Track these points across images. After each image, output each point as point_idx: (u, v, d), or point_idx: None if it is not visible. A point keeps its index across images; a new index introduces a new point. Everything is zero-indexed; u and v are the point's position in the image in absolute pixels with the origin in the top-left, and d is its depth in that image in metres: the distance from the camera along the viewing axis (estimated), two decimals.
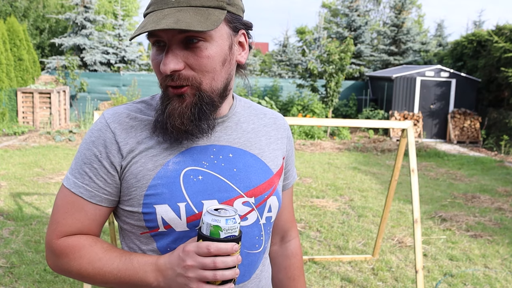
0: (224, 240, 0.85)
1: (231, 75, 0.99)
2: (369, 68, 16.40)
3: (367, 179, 7.27)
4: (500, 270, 4.01)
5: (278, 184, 1.09)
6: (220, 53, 0.93)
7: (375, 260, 4.08)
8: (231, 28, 0.95)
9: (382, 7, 29.38)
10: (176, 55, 0.90)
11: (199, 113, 0.94)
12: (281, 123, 1.16)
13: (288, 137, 1.16)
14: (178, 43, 0.90)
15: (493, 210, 5.76)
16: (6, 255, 3.88)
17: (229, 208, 0.89)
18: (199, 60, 0.91)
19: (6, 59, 10.77)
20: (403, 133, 3.39)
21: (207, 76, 0.92)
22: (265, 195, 1.03)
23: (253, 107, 1.13)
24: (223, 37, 0.93)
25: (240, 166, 1.01)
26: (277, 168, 1.09)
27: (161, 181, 0.94)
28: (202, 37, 0.90)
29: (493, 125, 11.55)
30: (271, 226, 1.09)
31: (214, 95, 0.95)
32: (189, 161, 0.97)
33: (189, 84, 0.92)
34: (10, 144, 8.90)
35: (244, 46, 1.00)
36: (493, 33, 11.62)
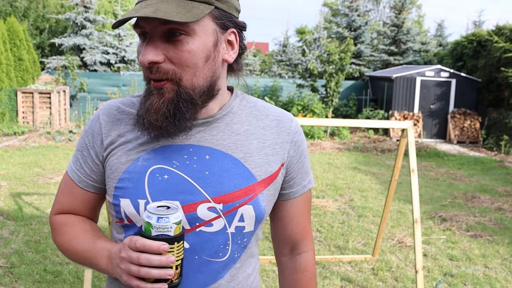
0: (154, 238, 0.84)
1: (216, 74, 0.95)
2: (369, 68, 16.40)
3: (367, 179, 7.27)
4: (500, 270, 4.01)
5: (262, 193, 0.99)
6: (202, 48, 0.90)
7: (375, 260, 4.08)
8: (219, 24, 0.92)
9: (382, 7, 29.39)
10: (156, 46, 0.89)
11: (174, 110, 0.91)
12: (286, 126, 1.05)
13: (293, 142, 1.05)
14: (160, 35, 0.89)
15: (493, 210, 5.76)
16: (6, 255, 3.88)
17: (173, 207, 0.87)
18: (179, 54, 0.88)
19: (6, 59, 10.77)
20: (403, 133, 3.39)
21: (188, 71, 0.90)
22: (236, 203, 0.96)
23: (258, 107, 1.06)
24: (207, 33, 0.90)
25: (215, 170, 0.96)
26: (265, 176, 1.00)
27: (129, 176, 0.96)
28: (184, 30, 0.87)
29: (493, 125, 11.55)
30: (245, 237, 1.01)
31: (194, 92, 0.92)
32: (159, 159, 0.96)
33: (168, 78, 0.90)
34: (10, 144, 8.90)
35: (234, 45, 0.97)
36: (493, 33, 11.62)
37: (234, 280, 1.03)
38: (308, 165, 1.11)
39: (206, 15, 0.89)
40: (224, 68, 0.99)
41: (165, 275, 0.84)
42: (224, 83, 1.01)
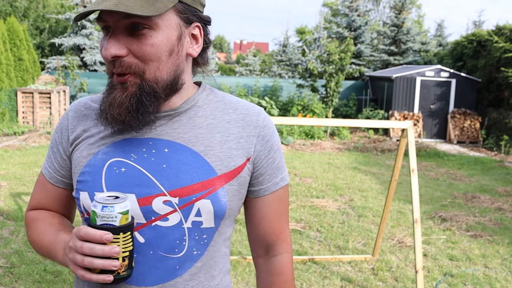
0: (99, 227, 0.83)
1: (180, 68, 0.95)
2: (369, 68, 16.41)
3: (367, 179, 7.27)
4: (500, 270, 4.01)
5: (222, 187, 0.96)
6: (166, 42, 0.90)
7: (375, 260, 4.08)
8: (182, 19, 0.92)
9: (382, 7, 29.40)
10: (118, 40, 0.88)
11: (137, 104, 0.90)
12: (253, 120, 1.02)
13: (260, 136, 1.01)
14: (122, 29, 0.88)
15: (493, 210, 5.76)
16: (6, 255, 3.88)
17: (122, 197, 0.86)
18: (142, 48, 0.88)
19: (6, 59, 10.78)
20: (403, 133, 3.39)
21: (151, 65, 0.90)
22: (193, 196, 0.94)
23: (226, 101, 1.04)
24: (170, 27, 0.90)
25: (172, 163, 0.94)
26: (227, 170, 0.97)
27: (89, 169, 0.97)
28: (147, 24, 0.87)
29: (493, 125, 11.55)
30: (204, 234, 0.97)
31: (157, 86, 0.92)
32: (117, 152, 0.96)
33: (132, 72, 0.90)
34: (10, 144, 8.90)
35: (198, 39, 0.97)
36: (493, 33, 11.62)
37: (195, 279, 0.99)
38: (281, 161, 1.06)
39: (169, 9, 0.89)
40: (189, 63, 0.99)
41: (109, 266, 0.83)
42: (189, 77, 1.01)
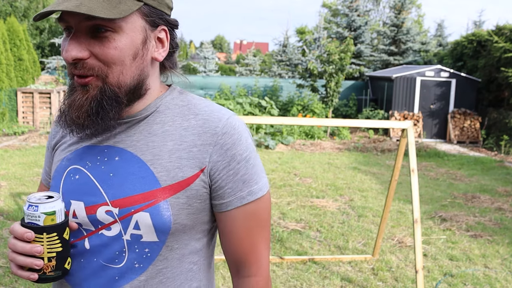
0: (24, 225, 0.85)
1: (145, 72, 0.92)
2: (369, 68, 16.40)
3: (367, 179, 7.27)
4: (500, 270, 4.01)
5: (166, 200, 0.90)
6: (130, 46, 0.87)
7: (375, 260, 4.08)
8: (148, 22, 0.89)
9: (382, 7, 29.40)
10: (80, 42, 0.85)
11: (97, 108, 0.87)
12: (211, 126, 0.93)
13: (218, 145, 0.92)
14: (85, 30, 0.85)
15: (493, 210, 5.76)
16: (6, 255, 3.88)
17: (55, 198, 0.87)
18: (105, 51, 0.85)
19: (6, 59, 10.78)
20: (403, 133, 3.39)
21: (115, 69, 0.87)
22: (132, 208, 0.89)
23: (190, 106, 0.97)
24: (135, 30, 0.87)
25: (120, 172, 0.92)
26: (173, 181, 0.90)
27: (55, 174, 1.00)
28: (110, 27, 0.84)
29: (493, 125, 11.55)
30: (146, 248, 0.92)
31: (120, 90, 0.88)
32: (77, 160, 0.96)
33: (94, 75, 0.87)
34: (10, 144, 8.90)
35: (164, 43, 0.94)
36: (493, 33, 11.63)
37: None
38: (249, 173, 0.94)
39: (134, 11, 0.86)
40: (155, 67, 0.96)
41: (31, 264, 0.85)
42: (155, 82, 0.97)
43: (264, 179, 0.97)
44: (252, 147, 0.96)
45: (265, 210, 0.98)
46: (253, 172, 0.94)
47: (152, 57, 0.93)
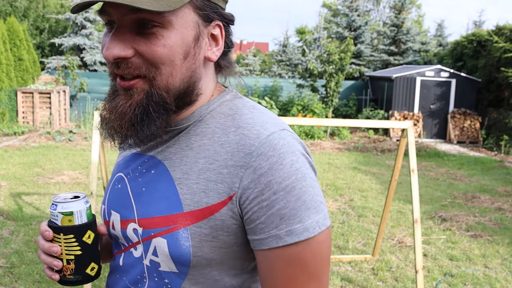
0: (48, 224, 0.84)
1: (196, 74, 0.80)
2: (369, 68, 16.40)
3: (367, 179, 7.26)
4: (500, 270, 4.01)
5: (186, 228, 0.77)
6: (180, 43, 0.75)
7: (375, 260, 4.08)
8: (201, 16, 0.78)
9: (382, 7, 29.39)
10: (123, 39, 0.74)
11: (142, 115, 0.77)
12: (246, 144, 0.76)
13: (251, 167, 0.74)
14: (129, 25, 0.74)
15: (493, 210, 5.76)
16: (6, 255, 3.88)
17: (75, 199, 0.84)
18: (152, 48, 0.74)
19: (6, 59, 10.78)
20: (403, 133, 3.39)
21: (163, 69, 0.76)
22: (152, 231, 0.80)
23: (236, 115, 0.82)
24: (186, 25, 0.76)
25: (150, 187, 0.83)
26: (196, 207, 0.77)
27: (110, 179, 0.96)
28: (158, 21, 0.73)
29: (493, 125, 11.55)
30: (165, 278, 0.82)
31: (168, 95, 0.77)
32: (123, 167, 0.91)
33: (141, 76, 0.76)
34: (10, 144, 8.90)
35: (218, 41, 0.82)
36: (493, 33, 11.62)
37: None
38: (290, 207, 0.73)
39: (185, 4, 0.75)
40: (208, 68, 0.84)
41: (50, 264, 0.83)
42: (208, 86, 0.85)
43: (316, 216, 0.74)
44: (299, 174, 0.74)
45: (315, 257, 0.75)
46: (296, 207, 0.73)
47: (205, 57, 0.81)
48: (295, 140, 0.78)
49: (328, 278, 0.80)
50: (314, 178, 0.77)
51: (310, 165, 0.78)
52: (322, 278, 0.78)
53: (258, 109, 0.83)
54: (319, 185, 0.78)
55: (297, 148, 0.77)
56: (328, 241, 0.77)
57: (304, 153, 0.78)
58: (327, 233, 0.77)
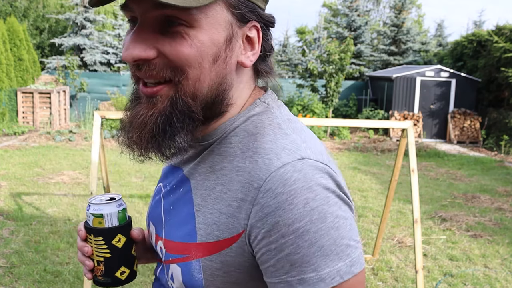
0: (84, 223, 0.85)
1: (227, 81, 0.71)
2: (369, 68, 16.41)
3: (367, 179, 7.26)
4: (500, 270, 4.01)
5: (198, 260, 0.72)
6: (209, 44, 0.67)
7: (375, 260, 4.08)
8: (235, 15, 0.69)
9: (382, 7, 29.39)
10: (145, 38, 0.66)
11: (165, 125, 0.69)
12: (256, 176, 0.67)
13: (259, 204, 0.66)
14: (152, 23, 0.67)
15: (493, 210, 5.76)
16: (6, 255, 3.88)
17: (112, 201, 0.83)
18: (177, 48, 0.66)
19: (6, 59, 10.78)
20: (403, 133, 3.39)
21: (190, 73, 0.67)
22: (171, 256, 0.76)
23: (257, 136, 0.72)
24: (217, 25, 0.67)
25: (177, 208, 0.78)
26: (207, 239, 0.71)
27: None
28: (185, 19, 0.65)
29: (493, 125, 11.55)
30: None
31: (194, 103, 0.69)
32: (164, 177, 0.86)
33: (165, 81, 0.68)
34: (10, 144, 8.90)
35: (254, 44, 0.73)
36: (493, 33, 11.63)
37: None
38: (302, 253, 0.63)
39: (216, 0, 0.67)
40: (241, 75, 0.75)
41: (83, 262, 0.84)
42: (241, 96, 0.76)
43: (338, 264, 0.64)
44: (314, 215, 0.63)
45: None
46: (309, 253, 0.63)
47: (237, 62, 0.72)
48: (317, 171, 0.66)
49: None
50: (342, 216, 0.65)
51: (338, 201, 0.66)
52: None
53: (283, 129, 0.72)
54: (354, 223, 0.67)
55: (318, 182, 0.65)
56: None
57: (330, 186, 0.66)
58: (356, 281, 0.65)
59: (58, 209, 5.11)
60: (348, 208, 0.68)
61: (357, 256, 0.65)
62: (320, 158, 0.68)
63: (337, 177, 0.69)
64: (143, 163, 0.75)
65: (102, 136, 3.31)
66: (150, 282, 3.51)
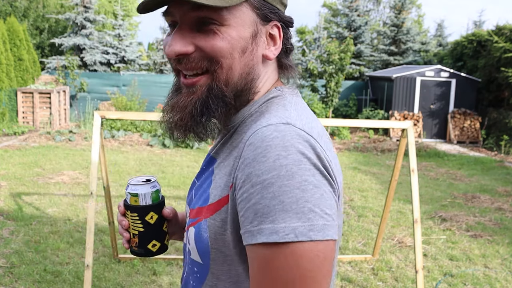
0: (124, 200, 0.98)
1: (254, 71, 0.83)
2: (369, 68, 16.40)
3: (367, 179, 7.26)
4: (500, 270, 4.01)
5: (206, 219, 0.79)
6: (238, 38, 0.79)
7: (375, 260, 4.08)
8: (259, 15, 0.82)
9: (382, 7, 29.39)
10: (184, 36, 0.80)
11: (202, 107, 0.81)
12: (247, 136, 0.77)
13: (242, 157, 0.74)
14: (189, 24, 0.80)
15: (493, 210, 5.76)
16: (6, 255, 3.88)
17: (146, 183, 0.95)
18: (211, 42, 0.78)
19: (6, 59, 10.78)
20: (403, 133, 3.39)
21: (223, 62, 0.79)
22: (190, 221, 0.85)
23: (264, 114, 0.83)
24: (243, 23, 0.80)
25: (203, 183, 0.88)
26: (213, 200, 0.80)
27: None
28: (217, 19, 0.78)
29: (493, 125, 11.55)
30: (195, 267, 0.85)
31: (227, 88, 0.81)
32: (201, 165, 0.95)
33: (202, 71, 0.81)
34: (10, 144, 8.90)
35: (276, 41, 0.85)
36: (493, 33, 11.62)
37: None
38: (264, 204, 0.68)
39: (243, 3, 0.79)
40: (267, 67, 0.87)
41: (121, 233, 0.99)
42: (265, 85, 0.87)
43: (295, 222, 0.66)
44: (282, 171, 0.68)
45: (289, 270, 0.67)
46: (271, 205, 0.67)
47: (263, 55, 0.84)
48: (298, 137, 0.72)
49: None
50: (312, 182, 0.68)
51: (312, 168, 0.69)
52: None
53: (286, 106, 0.81)
54: (329, 196, 0.70)
55: (294, 145, 0.70)
56: (314, 260, 0.67)
57: (306, 153, 0.70)
58: (313, 250, 0.67)
59: (58, 209, 5.11)
60: (326, 181, 0.71)
61: (321, 225, 0.67)
62: (307, 130, 0.74)
63: (320, 151, 0.72)
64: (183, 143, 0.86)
65: (102, 136, 3.31)
66: (150, 282, 3.52)
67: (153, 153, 8.66)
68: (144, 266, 3.78)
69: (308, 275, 0.67)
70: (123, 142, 9.58)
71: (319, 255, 0.67)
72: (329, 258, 0.69)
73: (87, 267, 2.96)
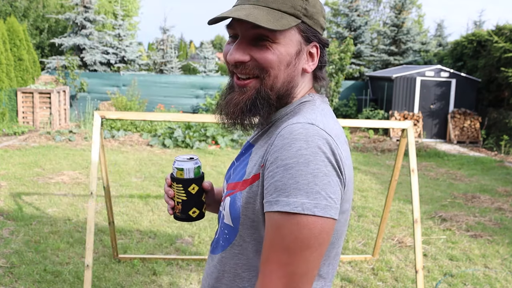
0: (170, 174, 1.19)
1: (294, 80, 1.03)
2: (369, 68, 16.40)
3: (367, 179, 7.26)
4: (500, 270, 4.01)
5: (241, 192, 0.99)
6: (285, 54, 0.99)
7: (375, 260, 4.08)
8: (303, 37, 1.01)
9: (382, 7, 29.39)
10: (243, 48, 0.99)
11: (251, 106, 1.01)
12: (280, 128, 0.97)
13: (273, 145, 0.94)
14: (248, 38, 0.99)
15: (493, 210, 5.76)
16: (6, 255, 3.88)
17: (190, 160, 1.16)
18: (264, 55, 0.98)
19: (6, 59, 10.77)
20: (403, 133, 3.39)
21: (271, 72, 0.99)
22: (227, 192, 1.07)
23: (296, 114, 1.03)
24: (291, 43, 0.99)
25: (241, 163, 1.09)
26: (248, 176, 0.99)
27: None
28: (271, 37, 0.97)
29: (493, 125, 11.55)
30: (226, 229, 1.05)
31: (272, 92, 1.01)
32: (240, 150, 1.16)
33: (253, 77, 1.00)
34: (10, 144, 8.90)
35: (314, 58, 1.05)
36: (493, 33, 11.62)
37: (223, 266, 1.07)
38: (284, 182, 0.87)
39: (293, 27, 0.98)
40: (304, 78, 1.07)
41: (167, 201, 1.20)
42: (300, 92, 1.07)
43: (304, 199, 0.86)
44: (301, 158, 0.87)
45: (291, 235, 0.87)
46: (288, 183, 0.87)
47: (302, 68, 1.04)
48: (319, 136, 0.91)
49: (305, 265, 0.88)
50: (323, 172, 0.88)
51: (326, 162, 0.89)
52: (295, 259, 0.88)
53: (314, 110, 1.01)
54: (336, 185, 0.92)
55: (314, 141, 0.89)
56: (313, 231, 0.87)
57: (324, 150, 0.89)
58: (314, 223, 0.87)
59: (58, 209, 5.11)
60: (335, 172, 0.90)
61: (323, 205, 0.87)
62: (327, 130, 0.93)
63: (335, 148, 0.92)
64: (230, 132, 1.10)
65: (102, 136, 3.31)
66: (150, 282, 3.52)
67: (153, 153, 8.66)
68: (144, 266, 3.78)
69: (305, 241, 0.87)
70: (123, 142, 9.58)
71: (317, 227, 0.87)
72: (326, 232, 0.88)
73: (87, 267, 2.96)
